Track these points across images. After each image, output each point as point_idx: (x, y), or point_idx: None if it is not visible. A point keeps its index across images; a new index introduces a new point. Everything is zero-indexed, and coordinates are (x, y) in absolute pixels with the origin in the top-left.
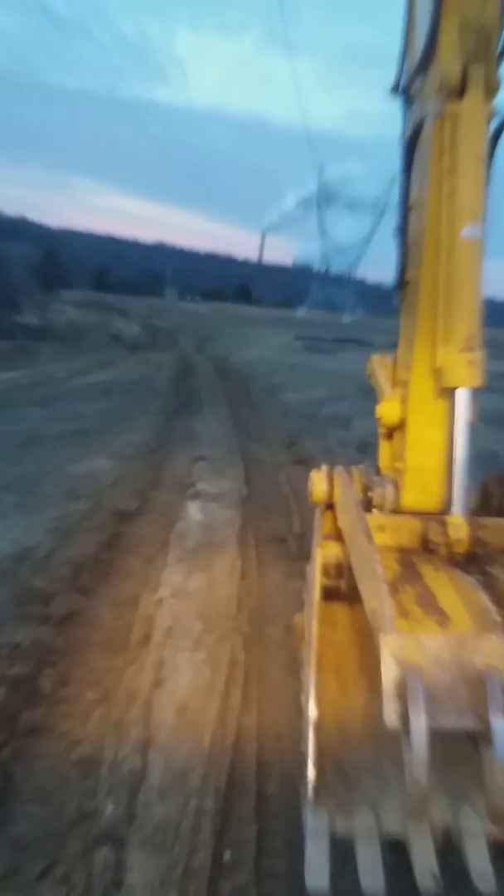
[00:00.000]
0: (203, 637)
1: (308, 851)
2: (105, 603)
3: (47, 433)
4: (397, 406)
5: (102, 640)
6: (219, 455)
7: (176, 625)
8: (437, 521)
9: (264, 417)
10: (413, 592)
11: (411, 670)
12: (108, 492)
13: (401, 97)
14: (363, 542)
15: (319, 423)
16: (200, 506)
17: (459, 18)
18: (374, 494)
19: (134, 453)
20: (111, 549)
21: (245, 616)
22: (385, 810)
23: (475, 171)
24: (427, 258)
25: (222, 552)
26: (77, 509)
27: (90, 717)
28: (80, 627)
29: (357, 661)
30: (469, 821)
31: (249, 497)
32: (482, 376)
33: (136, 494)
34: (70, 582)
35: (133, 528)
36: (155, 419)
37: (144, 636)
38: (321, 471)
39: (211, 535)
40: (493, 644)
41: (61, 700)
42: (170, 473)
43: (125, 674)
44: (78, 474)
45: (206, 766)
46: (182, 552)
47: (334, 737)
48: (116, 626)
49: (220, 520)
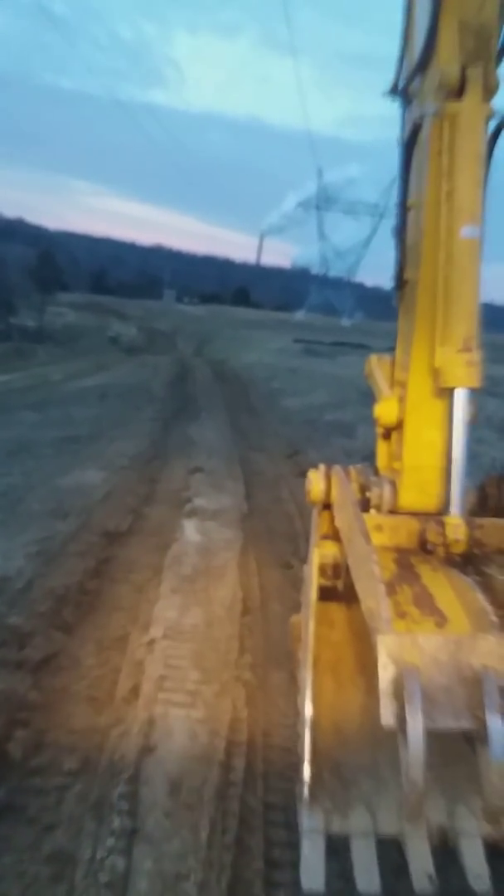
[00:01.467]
0: (200, 690)
1: (304, 852)
2: (89, 643)
3: (39, 440)
4: (395, 406)
5: (84, 692)
6: (217, 466)
7: (169, 674)
8: (435, 522)
9: (264, 424)
10: (410, 593)
11: (408, 671)
12: (97, 509)
13: (399, 98)
14: (360, 543)
15: (322, 430)
16: (198, 525)
17: (458, 18)
18: (371, 494)
19: (127, 464)
20: (98, 577)
21: (248, 661)
22: (381, 811)
23: (474, 171)
24: (425, 258)
25: (221, 581)
26: (63, 529)
27: (66, 795)
28: (60, 675)
29: (354, 662)
30: (465, 821)
31: (250, 514)
32: (480, 377)
33: (128, 511)
34: (50, 618)
35: (123, 552)
36: (151, 426)
37: (132, 688)
38: (319, 470)
39: (209, 560)
40: (490, 644)
41: (33, 771)
42: (165, 487)
43: (109, 737)
44: (66, 488)
45: (204, 868)
46: (177, 581)
47: (331, 737)
48: (101, 673)
49: (219, 541)
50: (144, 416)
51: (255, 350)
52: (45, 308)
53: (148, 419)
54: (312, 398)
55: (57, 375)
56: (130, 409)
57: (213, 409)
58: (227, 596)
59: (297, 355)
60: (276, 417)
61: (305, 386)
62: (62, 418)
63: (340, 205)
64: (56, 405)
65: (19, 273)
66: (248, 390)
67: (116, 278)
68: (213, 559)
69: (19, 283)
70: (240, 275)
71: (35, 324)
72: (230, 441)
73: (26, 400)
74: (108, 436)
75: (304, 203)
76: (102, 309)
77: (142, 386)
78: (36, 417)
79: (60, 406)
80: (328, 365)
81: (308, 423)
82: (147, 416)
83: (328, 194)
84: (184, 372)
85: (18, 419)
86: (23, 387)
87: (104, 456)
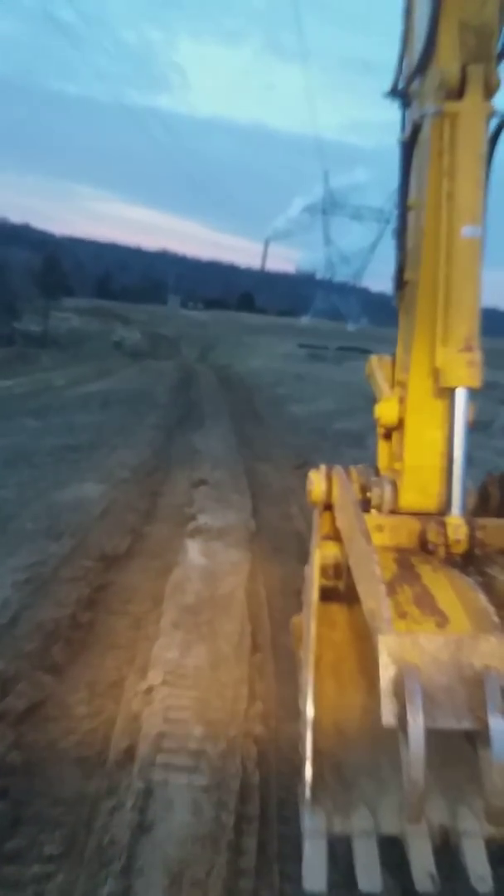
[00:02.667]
0: (204, 749)
1: (306, 852)
2: (80, 689)
3: (38, 448)
4: (396, 406)
5: (73, 751)
6: (222, 478)
7: (169, 730)
8: (436, 522)
9: (270, 433)
10: (411, 593)
11: (409, 671)
12: (94, 527)
13: (399, 98)
14: (361, 543)
15: (330, 439)
16: (202, 546)
17: (458, 18)
18: (372, 495)
19: (128, 476)
20: (93, 608)
21: (258, 711)
22: (383, 811)
23: (474, 170)
24: (426, 258)
25: (228, 612)
26: (56, 552)
27: (45, 889)
28: (46, 728)
29: (355, 662)
30: (466, 822)
31: (258, 533)
32: (481, 377)
33: (128, 531)
34: (37, 658)
35: (121, 578)
36: (153, 434)
37: (127, 749)
38: (319, 471)
39: (214, 587)
40: (491, 645)
41: (9, 858)
42: (167, 502)
43: (99, 811)
44: (63, 503)
45: None
46: (179, 612)
47: (332, 737)
48: (93, 726)
49: (225, 565)
50: (147, 423)
51: (259, 355)
52: (49, 313)
53: (151, 427)
54: (319, 405)
55: (60, 381)
56: (133, 416)
57: (218, 416)
58: (235, 630)
59: (303, 361)
60: (283, 425)
61: (312, 392)
62: (63, 426)
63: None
64: (58, 412)
65: (24, 278)
66: (252, 396)
67: (121, 283)
68: (218, 586)
69: (24, 287)
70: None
71: (39, 328)
72: (235, 451)
73: (28, 406)
74: (110, 444)
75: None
76: (107, 314)
77: (145, 392)
78: (36, 424)
79: (62, 413)
80: (334, 370)
81: (316, 432)
82: (150, 424)
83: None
84: (188, 377)
85: (18, 426)
86: (25, 392)
87: (104, 466)
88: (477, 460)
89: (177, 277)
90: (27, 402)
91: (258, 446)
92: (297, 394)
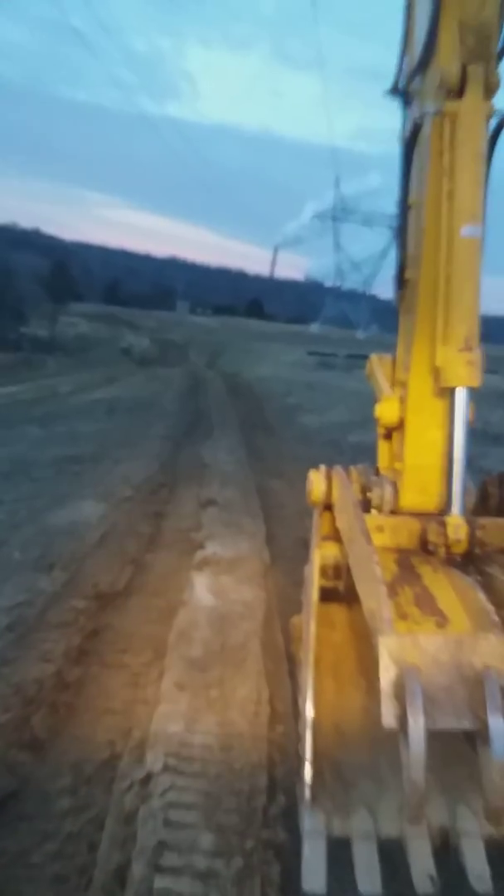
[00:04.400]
0: (213, 868)
1: (305, 853)
2: (63, 773)
3: (38, 459)
4: (396, 406)
5: (49, 869)
6: (233, 497)
7: (170, 839)
8: (436, 522)
9: (282, 445)
10: (411, 593)
11: (409, 671)
12: (90, 557)
13: (400, 97)
14: (361, 543)
15: (347, 453)
16: (211, 581)
17: (458, 18)
18: (372, 495)
19: (130, 494)
20: (83, 662)
21: (280, 809)
22: (382, 812)
23: (474, 170)
24: (426, 258)
25: (242, 669)
26: (45, 588)
27: None
28: (18, 831)
29: (355, 663)
30: (466, 822)
31: (274, 565)
32: (480, 376)
33: (128, 561)
34: (14, 732)
35: (118, 620)
36: (159, 445)
37: (117, 869)
38: (319, 471)
39: (225, 635)
40: (492, 644)
41: None
42: (172, 525)
43: None
44: (57, 527)
45: None
46: (184, 668)
47: (332, 738)
48: (75, 829)
49: (238, 605)
50: (153, 433)
51: (269, 363)
52: (57, 318)
53: (157, 437)
54: (332, 416)
55: (65, 387)
56: (139, 425)
57: (227, 426)
58: (250, 695)
59: (313, 368)
60: (295, 437)
61: (324, 402)
62: (66, 435)
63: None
64: (62, 419)
65: (32, 283)
66: (262, 406)
67: (130, 289)
68: (230, 633)
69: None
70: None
71: (46, 334)
72: (245, 465)
73: (32, 413)
74: (113, 457)
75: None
76: (115, 320)
77: (152, 400)
78: (39, 433)
79: (66, 420)
80: (346, 379)
81: (330, 445)
82: (156, 434)
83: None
84: (196, 385)
85: (21, 434)
86: (29, 399)
87: (106, 482)
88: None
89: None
90: (31, 409)
91: (270, 460)
92: (309, 403)
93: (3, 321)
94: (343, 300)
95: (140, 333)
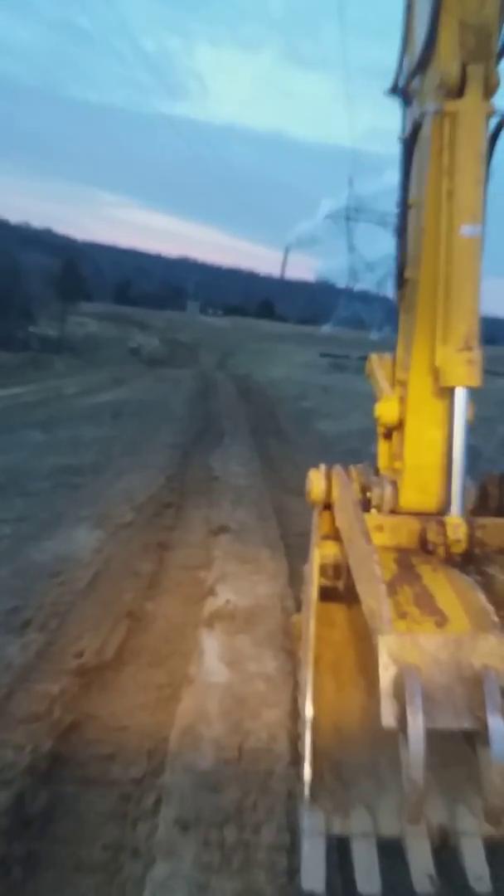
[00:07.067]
0: None
1: (304, 852)
2: None
3: (36, 470)
4: (396, 406)
5: None
6: (247, 521)
7: None
8: (436, 522)
9: (299, 455)
10: (411, 593)
11: (409, 671)
12: (76, 609)
13: (400, 97)
14: (361, 543)
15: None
16: (223, 644)
17: (458, 17)
18: (372, 494)
19: (132, 518)
20: (52, 778)
21: None
22: (382, 811)
23: (474, 169)
24: (426, 257)
25: (266, 792)
26: (13, 660)
27: None
28: None
29: (354, 662)
30: (466, 822)
31: None
32: (480, 376)
33: (122, 614)
34: None
35: (104, 708)
36: (167, 454)
37: None
38: (319, 470)
39: (244, 733)
40: (491, 644)
41: None
42: (178, 560)
43: None
44: (41, 565)
45: None
46: (189, 791)
47: (331, 737)
48: None
49: (259, 682)
50: (160, 440)
51: (280, 364)
52: (66, 318)
53: (164, 445)
54: (351, 422)
55: (71, 389)
56: (146, 430)
57: (238, 432)
58: (278, 840)
59: (326, 370)
60: (312, 446)
61: (340, 407)
62: (69, 441)
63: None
64: (65, 424)
65: (41, 282)
66: (275, 410)
67: (141, 289)
68: (250, 729)
69: (41, 292)
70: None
71: (55, 333)
72: (260, 479)
73: (35, 416)
74: (116, 468)
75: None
76: (125, 319)
77: (160, 403)
78: (41, 438)
79: (70, 425)
80: (360, 382)
81: (351, 455)
82: (163, 441)
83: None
84: (206, 387)
85: (21, 440)
86: (34, 401)
87: (105, 500)
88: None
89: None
90: (35, 411)
91: (287, 473)
92: (325, 408)
93: (12, 321)
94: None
95: (149, 333)
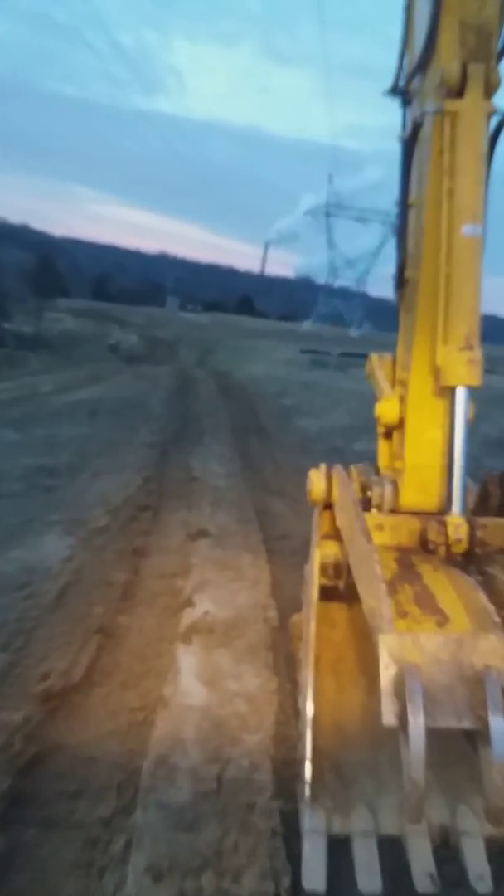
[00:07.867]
0: None
1: (305, 852)
2: None
3: (8, 471)
4: (396, 405)
5: None
6: (227, 525)
7: None
8: (437, 521)
9: (280, 454)
10: (412, 592)
11: (409, 670)
12: (43, 626)
13: (400, 96)
14: (362, 542)
15: None
16: (201, 661)
17: (459, 17)
18: (372, 494)
19: (106, 522)
20: (13, 820)
21: None
22: (383, 810)
23: (475, 169)
24: (427, 257)
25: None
26: None
27: None
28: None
29: (355, 661)
30: (467, 821)
31: (284, 629)
32: (481, 375)
33: (93, 630)
34: None
35: (71, 737)
36: (144, 454)
37: None
38: (319, 469)
39: (223, 762)
40: (492, 644)
41: None
42: (154, 568)
43: None
44: (7, 577)
45: None
46: (161, 830)
47: (332, 736)
48: None
49: (239, 702)
50: (138, 439)
51: (261, 361)
52: (42, 314)
53: (142, 444)
54: (332, 419)
55: (47, 386)
56: (123, 429)
57: (218, 431)
58: (261, 885)
59: (307, 367)
60: (293, 444)
61: (321, 403)
62: (43, 440)
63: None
64: (40, 422)
65: (15, 278)
66: (256, 408)
67: (119, 285)
68: (229, 756)
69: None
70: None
71: (31, 329)
72: (240, 479)
73: (8, 415)
74: (92, 468)
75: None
76: (103, 315)
77: (138, 401)
78: (14, 437)
79: (44, 424)
80: (342, 378)
81: (334, 454)
82: (141, 441)
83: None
84: (185, 385)
85: None
86: (7, 399)
87: (79, 504)
88: None
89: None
90: (8, 410)
91: (268, 473)
92: (306, 405)
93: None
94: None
95: (128, 330)
